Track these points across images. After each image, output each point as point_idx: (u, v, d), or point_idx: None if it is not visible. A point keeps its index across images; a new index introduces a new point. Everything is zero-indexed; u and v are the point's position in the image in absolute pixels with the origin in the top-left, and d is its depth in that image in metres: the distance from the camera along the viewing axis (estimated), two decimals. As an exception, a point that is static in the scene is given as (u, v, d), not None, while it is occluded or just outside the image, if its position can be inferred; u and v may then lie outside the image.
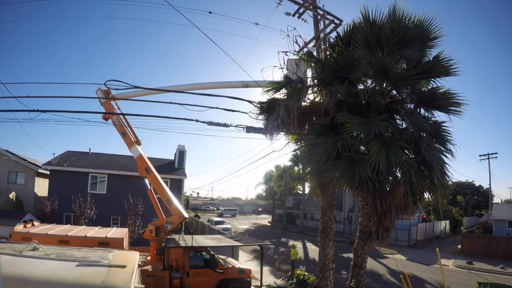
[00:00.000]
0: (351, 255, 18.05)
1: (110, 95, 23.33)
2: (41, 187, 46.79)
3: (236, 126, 18.65)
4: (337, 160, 14.22)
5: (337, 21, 21.07)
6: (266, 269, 31.48)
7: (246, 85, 19.89)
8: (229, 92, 18.83)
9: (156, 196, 24.96)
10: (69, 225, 27.77)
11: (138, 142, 25.41)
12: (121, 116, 24.26)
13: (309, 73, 18.08)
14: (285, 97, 16.78)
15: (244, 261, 36.38)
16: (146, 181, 25.28)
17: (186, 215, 24.10)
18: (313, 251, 50.52)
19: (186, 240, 23.41)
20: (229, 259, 26.54)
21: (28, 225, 22.75)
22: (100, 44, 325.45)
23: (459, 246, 53.43)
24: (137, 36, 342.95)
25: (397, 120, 14.60)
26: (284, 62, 18.32)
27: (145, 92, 21.72)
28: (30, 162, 45.92)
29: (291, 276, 30.76)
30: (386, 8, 15.13)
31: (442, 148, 14.48)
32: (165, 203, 24.07)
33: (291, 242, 47.58)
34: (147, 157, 25.43)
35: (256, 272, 27.79)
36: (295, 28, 17.95)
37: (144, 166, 24.82)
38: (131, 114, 24.54)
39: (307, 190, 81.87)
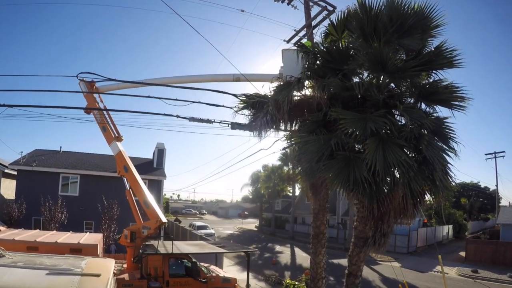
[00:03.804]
0: (341, 261, 18.10)
1: (94, 87, 23.31)
2: (8, 188, 46.55)
3: (220, 123, 18.64)
4: (331, 160, 14.19)
5: (330, 8, 21.11)
6: (250, 275, 31.60)
7: (237, 78, 19.69)
8: (212, 86, 18.64)
9: (134, 198, 24.87)
10: (38, 230, 27.66)
11: (118, 138, 25.40)
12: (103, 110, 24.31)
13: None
14: (275, 89, 16.81)
15: (226, 266, 36.55)
16: (125, 180, 25.23)
17: (164, 219, 24.03)
18: (301, 257, 51.07)
19: (166, 246, 23.38)
20: (213, 267, 26.55)
21: (-7, 230, 22.68)
22: (79, 35, 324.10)
23: (463, 253, 53.57)
24: (117, 26, 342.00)
25: (395, 116, 14.53)
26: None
27: (124, 85, 21.68)
28: (-5, 162, 45.70)
29: None
30: (384, -6, 15.15)
31: (444, 146, 14.49)
32: (143, 206, 23.98)
33: (282, 255, 47.35)
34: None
35: (241, 281, 27.75)
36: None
37: (123, 164, 24.77)
38: (108, 110, 24.48)
39: (297, 192, 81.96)
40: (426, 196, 14.93)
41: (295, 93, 16.76)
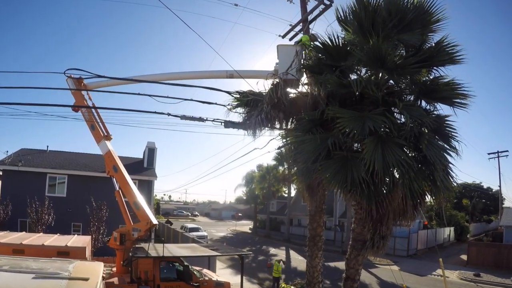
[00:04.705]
0: (338, 264, 18.10)
1: (82, 84, 23.27)
2: (-8, 189, 46.40)
3: (213, 121, 18.55)
4: (328, 160, 14.20)
5: (327, 2, 21.11)
6: (244, 279, 31.75)
7: (231, 75, 19.50)
8: (205, 83, 18.58)
9: (124, 199, 24.87)
10: (24, 232, 27.65)
11: (108, 137, 25.39)
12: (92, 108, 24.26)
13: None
14: (270, 86, 16.82)
15: (219, 269, 36.58)
16: (114, 180, 25.20)
17: (155, 221, 23.95)
18: (296, 261, 51.48)
19: (156, 249, 23.36)
20: (205, 271, 26.51)
21: (-24, 233, 22.62)
22: (68, 31, 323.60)
23: (465, 256, 53.67)
24: (107, 22, 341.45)
25: (394, 114, 14.52)
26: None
27: (113, 82, 21.64)
28: (-21, 161, 45.50)
29: None
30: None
31: (445, 145, 14.49)
32: (132, 207, 23.93)
33: (276, 257, 47.19)
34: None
35: (235, 285, 27.72)
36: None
37: (112, 163, 24.74)
38: (96, 107, 24.44)
39: (293, 193, 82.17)
40: (426, 197, 14.92)
41: (291, 90, 16.80)
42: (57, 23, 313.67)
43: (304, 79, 17.44)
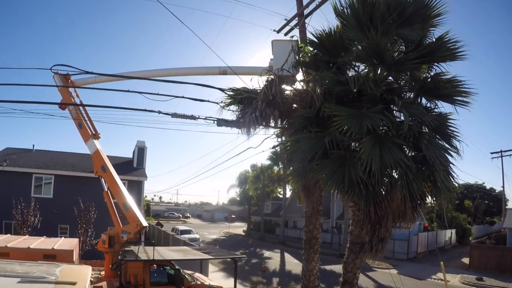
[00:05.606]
0: (335, 268, 18.07)
1: (70, 81, 23.24)
2: (-24, 190, 46.28)
3: (205, 119, 18.56)
4: (324, 159, 14.17)
5: (324, -5, 21.06)
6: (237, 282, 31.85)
7: (224, 71, 19.43)
8: (197, 79, 18.44)
9: (113, 200, 24.81)
10: (9, 234, 27.52)
11: (96, 136, 25.35)
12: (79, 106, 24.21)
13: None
14: (265, 83, 16.82)
15: (211, 272, 36.64)
16: (103, 181, 25.16)
17: (145, 223, 23.94)
18: (291, 264, 51.46)
19: (146, 252, 23.29)
20: (197, 275, 26.46)
21: (-40, 236, 22.57)
22: (56, 25, 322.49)
23: (467, 259, 53.54)
24: (97, 16, 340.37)
25: (393, 112, 14.47)
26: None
27: (102, 79, 21.61)
28: (-38, 161, 45.39)
29: None
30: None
31: (446, 145, 14.49)
32: (121, 208, 23.91)
33: (271, 260, 47.06)
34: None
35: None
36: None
37: (100, 163, 24.68)
38: (84, 105, 24.40)
39: (288, 194, 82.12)
40: (426, 198, 14.90)
41: (286, 87, 16.80)
42: (43, 18, 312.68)
43: (300, 75, 17.45)
